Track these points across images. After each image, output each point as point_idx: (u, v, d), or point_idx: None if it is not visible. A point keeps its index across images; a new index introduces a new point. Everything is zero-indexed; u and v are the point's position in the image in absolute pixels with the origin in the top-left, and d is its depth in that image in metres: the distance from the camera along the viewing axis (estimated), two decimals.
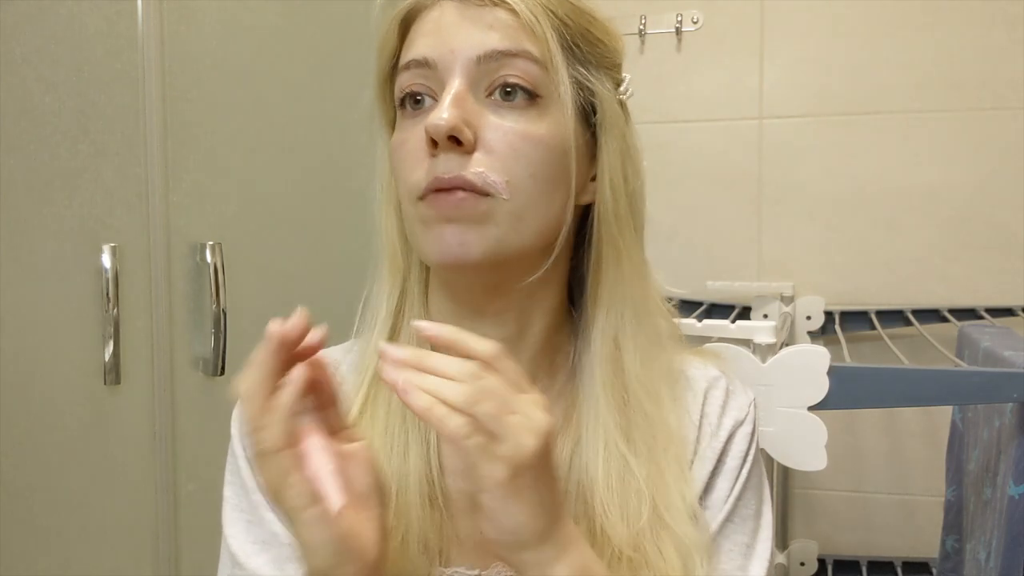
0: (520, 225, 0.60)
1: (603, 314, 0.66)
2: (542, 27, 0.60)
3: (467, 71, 0.60)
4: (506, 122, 0.60)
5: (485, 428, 0.49)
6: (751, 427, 0.69)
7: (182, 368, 1.12)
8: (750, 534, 0.66)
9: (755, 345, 1.08)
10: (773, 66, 1.68)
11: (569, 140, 0.61)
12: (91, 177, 1.02)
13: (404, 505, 0.63)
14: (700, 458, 0.66)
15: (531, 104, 0.60)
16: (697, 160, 1.71)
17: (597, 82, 0.64)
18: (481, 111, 0.60)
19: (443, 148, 0.58)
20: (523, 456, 0.49)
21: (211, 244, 1.12)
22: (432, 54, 0.60)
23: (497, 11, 0.60)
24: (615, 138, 0.65)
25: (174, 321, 1.11)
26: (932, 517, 1.50)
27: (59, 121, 0.99)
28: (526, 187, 0.60)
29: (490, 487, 0.50)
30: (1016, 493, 0.96)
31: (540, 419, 0.51)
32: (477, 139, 0.59)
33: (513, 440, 0.49)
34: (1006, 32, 1.56)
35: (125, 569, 1.07)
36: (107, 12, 1.03)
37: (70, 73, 1.00)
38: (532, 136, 0.60)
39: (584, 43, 0.63)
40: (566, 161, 0.62)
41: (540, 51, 0.60)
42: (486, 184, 0.58)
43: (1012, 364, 1.02)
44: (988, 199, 1.59)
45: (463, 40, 0.60)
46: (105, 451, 1.05)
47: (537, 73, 0.60)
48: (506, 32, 0.60)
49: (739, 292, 1.64)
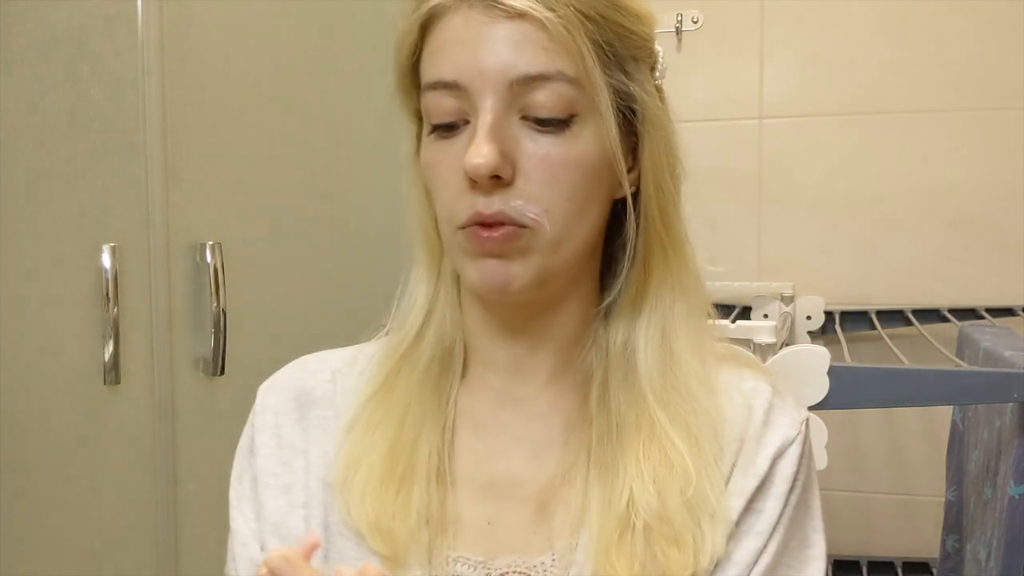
0: (560, 248, 0.60)
1: (650, 306, 0.65)
2: (576, 42, 0.57)
3: (499, 96, 0.57)
4: (542, 148, 0.58)
5: None
6: (800, 449, 0.64)
7: (182, 368, 1.12)
8: (800, 561, 0.63)
9: (755, 345, 1.08)
10: (773, 66, 1.68)
11: (607, 151, 0.60)
12: (91, 177, 1.02)
13: (410, 478, 0.62)
14: (742, 472, 0.62)
15: (566, 125, 0.58)
16: (697, 160, 1.69)
17: (635, 81, 0.62)
18: (516, 138, 0.58)
19: (483, 185, 0.57)
20: None
21: (211, 244, 1.12)
22: (461, 77, 0.58)
23: (525, 24, 0.57)
24: (658, 134, 0.63)
25: (174, 321, 1.11)
26: (932, 517, 1.50)
27: (59, 121, 0.99)
28: (564, 211, 0.59)
29: None
30: (1016, 493, 0.96)
31: None
32: (515, 168, 0.58)
33: None
34: (1006, 32, 1.56)
35: (125, 569, 1.07)
36: (107, 12, 1.03)
37: (70, 73, 1.00)
38: (569, 161, 0.59)
39: (619, 41, 0.60)
40: (606, 171, 0.61)
41: (575, 67, 0.57)
42: (525, 218, 0.58)
43: (1012, 364, 1.02)
44: (988, 199, 1.59)
45: (492, 61, 0.57)
46: (105, 451, 1.05)
47: (572, 93, 0.58)
48: (537, 51, 0.57)
49: (739, 292, 1.64)
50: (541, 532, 0.62)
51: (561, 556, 0.61)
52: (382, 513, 0.61)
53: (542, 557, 0.61)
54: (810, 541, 0.64)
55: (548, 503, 0.63)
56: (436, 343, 0.66)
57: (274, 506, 0.65)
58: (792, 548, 0.63)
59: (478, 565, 0.61)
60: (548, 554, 0.61)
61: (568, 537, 0.61)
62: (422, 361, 0.66)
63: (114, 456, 1.06)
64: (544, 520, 0.62)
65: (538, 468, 0.64)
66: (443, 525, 0.62)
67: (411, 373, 0.66)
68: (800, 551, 0.64)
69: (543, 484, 0.63)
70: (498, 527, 0.63)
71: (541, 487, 0.63)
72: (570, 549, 0.61)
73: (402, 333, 0.67)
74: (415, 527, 0.61)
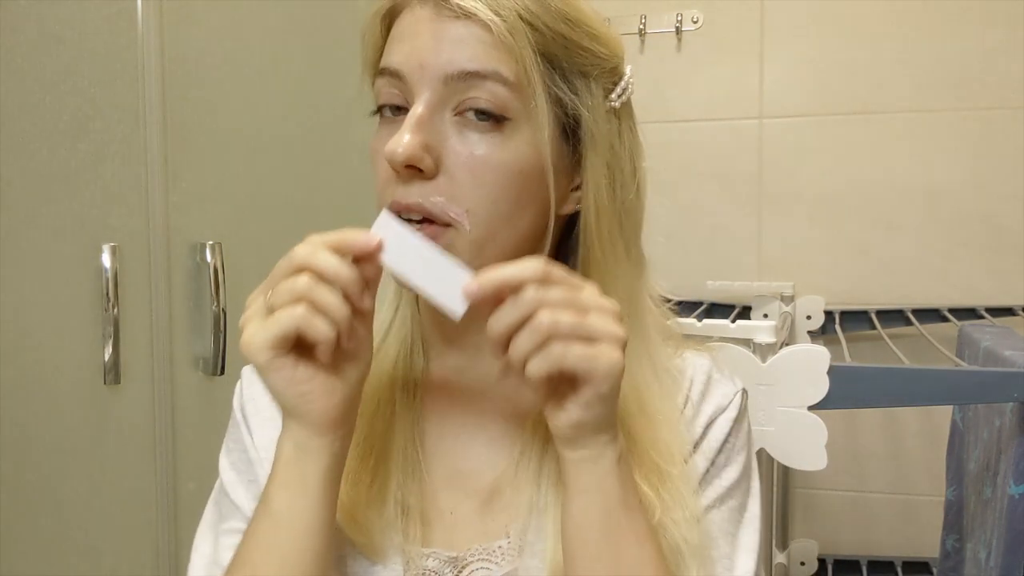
0: (483, 252, 0.59)
1: None
2: (518, 45, 0.58)
3: (434, 90, 0.58)
4: (469, 147, 0.58)
5: (577, 336, 0.52)
6: (735, 414, 0.68)
7: (182, 368, 1.13)
8: (735, 524, 0.65)
9: (755, 345, 1.08)
10: (773, 66, 1.68)
11: (543, 160, 0.60)
12: (91, 177, 1.02)
13: (385, 469, 0.64)
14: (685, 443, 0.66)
15: (499, 127, 0.59)
16: (697, 160, 1.71)
17: (582, 95, 0.62)
18: (445, 133, 0.59)
19: (401, 174, 0.58)
20: (621, 340, 0.53)
21: (211, 244, 1.12)
22: (403, 67, 0.59)
23: (470, 24, 0.58)
24: (601, 152, 0.63)
25: (174, 321, 1.11)
26: (932, 517, 1.50)
27: (59, 121, 0.99)
28: (488, 214, 0.59)
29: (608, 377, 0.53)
30: (1016, 492, 0.96)
31: (610, 305, 0.54)
32: (439, 164, 0.58)
33: (605, 334, 0.53)
34: (1006, 32, 1.56)
35: (125, 569, 1.07)
36: (107, 12, 1.03)
37: (70, 73, 1.00)
38: (496, 162, 0.58)
39: (567, 54, 0.60)
40: (538, 182, 0.60)
41: (514, 71, 0.58)
42: (446, 215, 0.58)
43: (1012, 364, 1.02)
44: (988, 199, 1.59)
45: (432, 55, 0.58)
46: (105, 451, 1.05)
47: (507, 96, 0.58)
48: (478, 49, 0.58)
49: (739, 292, 1.64)
50: (497, 519, 0.64)
51: (516, 537, 0.63)
52: (357, 502, 0.63)
53: (499, 541, 0.63)
54: (746, 506, 0.67)
55: (500, 491, 0.65)
56: (401, 340, 0.68)
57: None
58: (733, 508, 0.66)
59: (449, 560, 0.63)
60: (504, 538, 0.63)
61: (524, 520, 0.63)
62: (388, 359, 0.68)
63: (114, 456, 1.06)
64: (499, 507, 0.64)
65: (495, 458, 0.66)
66: (417, 516, 0.64)
67: (379, 371, 0.67)
68: (739, 513, 0.66)
69: (499, 473, 0.65)
70: (459, 517, 0.65)
71: (497, 475, 0.65)
72: (524, 530, 0.63)
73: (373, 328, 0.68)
74: (392, 518, 0.63)
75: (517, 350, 0.52)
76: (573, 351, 0.52)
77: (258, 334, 0.53)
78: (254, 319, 0.54)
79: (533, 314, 0.52)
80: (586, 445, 0.56)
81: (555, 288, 0.53)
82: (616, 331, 0.53)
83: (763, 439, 0.97)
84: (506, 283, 0.53)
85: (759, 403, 0.97)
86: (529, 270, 0.53)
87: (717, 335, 1.09)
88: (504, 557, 0.63)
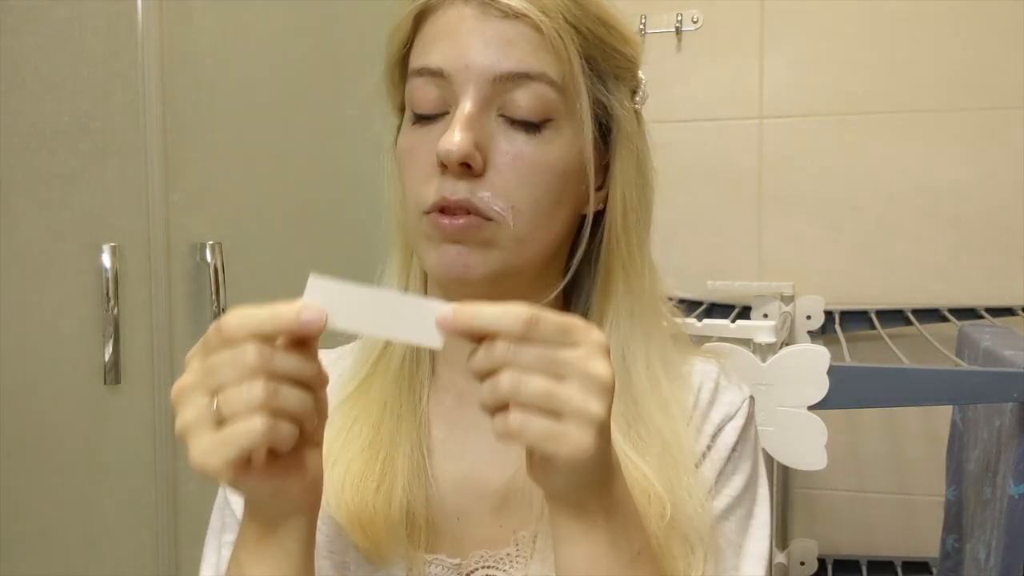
0: (523, 247, 0.60)
1: (608, 327, 0.65)
2: (566, 47, 0.58)
3: (481, 90, 0.58)
4: (516, 146, 0.59)
5: (541, 408, 0.46)
6: (742, 422, 0.67)
7: (182, 368, 1.12)
8: (741, 533, 0.65)
9: (755, 345, 1.08)
10: (773, 66, 1.68)
11: (583, 160, 0.61)
12: (91, 177, 1.02)
13: (391, 473, 0.63)
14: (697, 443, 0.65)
15: (544, 127, 0.59)
16: (697, 160, 1.71)
17: (615, 97, 0.63)
18: (492, 132, 0.59)
19: (453, 171, 0.58)
20: (595, 421, 0.46)
21: (211, 244, 1.12)
22: (447, 66, 0.59)
23: (519, 24, 0.58)
24: (630, 154, 0.64)
25: (174, 321, 1.11)
26: (932, 517, 1.50)
27: (59, 121, 0.99)
28: (531, 212, 0.59)
29: (570, 463, 0.47)
30: (1016, 492, 0.96)
31: (601, 373, 0.47)
32: (487, 161, 0.59)
33: (576, 411, 0.46)
34: (1006, 32, 1.56)
35: (125, 569, 1.07)
36: (107, 12, 1.03)
37: (70, 73, 1.00)
38: (542, 163, 0.59)
39: (603, 57, 0.62)
40: (576, 181, 0.61)
41: (560, 72, 0.59)
42: (491, 210, 0.58)
43: (1012, 364, 1.02)
44: (988, 199, 1.59)
45: (479, 55, 0.58)
46: (105, 451, 1.05)
47: (553, 97, 0.59)
48: (526, 50, 0.58)
49: (739, 292, 1.64)
50: (505, 524, 0.63)
51: (524, 545, 0.62)
52: (363, 506, 0.62)
53: (507, 548, 0.63)
54: (753, 513, 0.66)
55: (510, 496, 0.64)
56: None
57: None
58: (740, 517, 0.65)
59: (452, 567, 0.62)
60: (512, 545, 0.63)
61: (530, 527, 0.62)
62: (395, 361, 0.67)
63: (114, 456, 1.06)
64: (507, 513, 0.64)
65: (502, 464, 0.65)
66: (422, 522, 0.63)
67: (385, 373, 0.67)
68: (746, 521, 0.65)
69: (507, 479, 0.64)
70: (466, 523, 0.64)
71: (505, 481, 0.64)
72: (532, 538, 0.62)
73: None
74: (397, 523, 0.62)
75: (482, 400, 0.48)
76: (533, 426, 0.46)
77: (213, 455, 0.46)
78: (200, 430, 0.47)
79: (498, 372, 0.47)
80: (567, 501, 0.52)
81: (533, 346, 0.47)
82: (593, 409, 0.46)
83: (763, 439, 0.97)
84: (480, 330, 0.47)
85: (759, 403, 0.97)
86: (508, 321, 0.47)
87: (717, 335, 1.09)
88: (512, 564, 0.62)
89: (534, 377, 0.46)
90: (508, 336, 0.47)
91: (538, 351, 0.47)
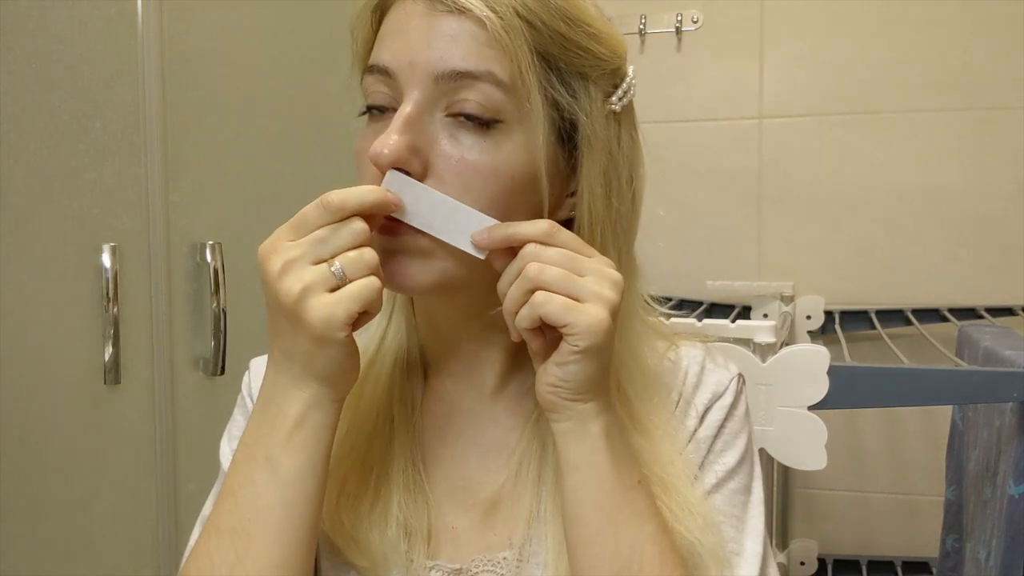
0: (467, 258, 0.56)
1: None
2: (513, 44, 0.55)
3: (424, 89, 0.56)
4: (459, 150, 0.56)
5: (562, 290, 0.53)
6: (731, 399, 0.66)
7: (182, 368, 1.13)
8: (740, 507, 0.64)
9: (755, 345, 1.08)
10: (773, 66, 1.68)
11: (536, 166, 0.57)
12: (91, 177, 1.02)
13: (387, 490, 0.63)
14: (679, 425, 0.65)
15: (491, 130, 0.56)
16: (697, 160, 1.71)
17: (580, 98, 0.59)
18: (435, 134, 0.56)
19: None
20: (609, 303, 0.54)
21: (211, 244, 1.12)
22: (392, 64, 0.57)
23: (464, 20, 0.55)
24: (598, 158, 0.60)
25: (174, 321, 1.11)
26: (932, 517, 1.50)
27: (59, 121, 0.99)
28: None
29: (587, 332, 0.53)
30: (1016, 492, 0.96)
31: (613, 275, 0.55)
32: (428, 166, 0.56)
33: (593, 294, 0.53)
34: (1006, 32, 1.56)
35: (125, 569, 1.07)
36: (107, 12, 1.03)
37: (70, 73, 1.00)
38: (487, 167, 0.56)
39: (565, 54, 0.58)
40: (531, 188, 0.58)
41: (508, 71, 0.55)
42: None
43: (1012, 364, 1.02)
44: (988, 199, 1.59)
45: (423, 53, 0.55)
46: (105, 451, 1.05)
47: (501, 97, 0.56)
48: (471, 47, 0.55)
49: (739, 292, 1.64)
50: (500, 530, 0.63)
51: (520, 548, 0.62)
52: (358, 525, 0.61)
53: (503, 552, 0.62)
54: (751, 488, 0.66)
55: (503, 501, 0.64)
56: (396, 348, 0.67)
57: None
58: (735, 490, 0.65)
59: (452, 572, 0.62)
60: (508, 549, 0.63)
61: (524, 530, 0.62)
62: (386, 368, 0.66)
63: (114, 456, 1.06)
64: (502, 518, 0.64)
65: (495, 469, 0.65)
66: (420, 534, 0.63)
67: (376, 382, 0.66)
68: (744, 495, 0.65)
69: (499, 484, 0.64)
70: (461, 530, 0.64)
71: (498, 487, 0.64)
72: (527, 541, 0.62)
73: (366, 337, 0.67)
74: (394, 538, 0.61)
75: (508, 302, 0.55)
76: (554, 301, 0.53)
77: (339, 308, 0.52)
78: (319, 291, 0.52)
79: (525, 267, 0.54)
80: (567, 414, 0.56)
81: (556, 248, 0.55)
82: (607, 294, 0.54)
83: (763, 439, 0.97)
84: (511, 238, 0.55)
85: (759, 403, 0.97)
86: (534, 228, 0.55)
87: (717, 335, 1.09)
88: (509, 568, 0.62)
89: (557, 268, 0.54)
90: (536, 238, 0.55)
91: (559, 251, 0.55)
